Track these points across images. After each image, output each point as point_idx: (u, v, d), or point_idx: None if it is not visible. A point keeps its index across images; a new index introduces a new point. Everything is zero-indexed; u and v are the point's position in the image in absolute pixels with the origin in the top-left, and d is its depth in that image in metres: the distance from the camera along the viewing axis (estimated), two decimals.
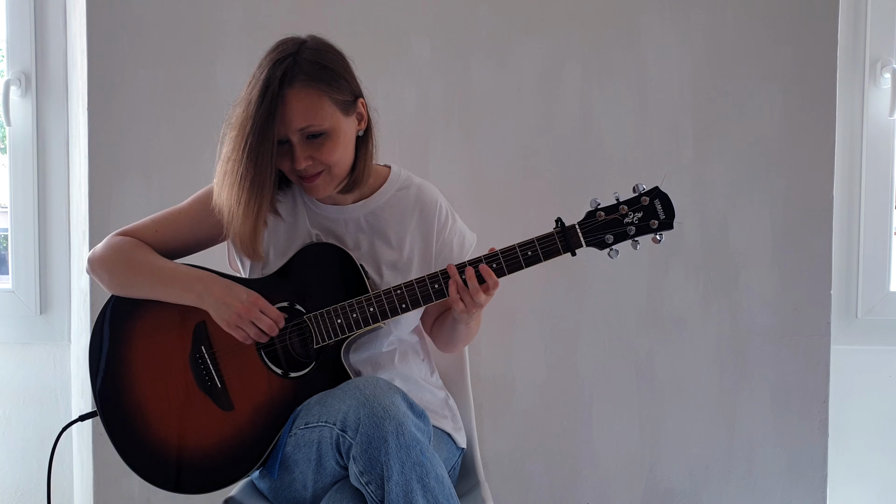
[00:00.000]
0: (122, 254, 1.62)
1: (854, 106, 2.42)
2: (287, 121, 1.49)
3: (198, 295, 1.56)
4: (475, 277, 1.52)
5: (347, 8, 2.21)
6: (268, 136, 1.48)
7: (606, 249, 1.53)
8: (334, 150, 1.53)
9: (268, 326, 1.54)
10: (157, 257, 1.62)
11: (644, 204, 1.52)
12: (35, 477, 2.47)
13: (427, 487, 1.38)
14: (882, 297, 2.45)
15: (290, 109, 1.49)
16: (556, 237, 1.53)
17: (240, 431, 1.56)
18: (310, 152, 1.52)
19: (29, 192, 2.43)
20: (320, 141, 1.52)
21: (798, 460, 2.29)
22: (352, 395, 1.44)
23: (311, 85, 1.49)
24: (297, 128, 1.50)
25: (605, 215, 1.52)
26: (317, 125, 1.50)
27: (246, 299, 1.54)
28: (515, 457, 2.29)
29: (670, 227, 1.52)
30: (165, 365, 1.60)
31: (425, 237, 1.67)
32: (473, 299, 1.52)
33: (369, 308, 1.54)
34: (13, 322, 2.45)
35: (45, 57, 2.42)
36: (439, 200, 1.70)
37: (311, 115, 1.50)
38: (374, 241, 1.65)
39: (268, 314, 1.54)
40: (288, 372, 1.57)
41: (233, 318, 1.54)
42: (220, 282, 1.57)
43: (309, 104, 1.49)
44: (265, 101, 1.47)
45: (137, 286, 1.61)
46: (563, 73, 2.25)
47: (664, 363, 2.29)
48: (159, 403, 1.59)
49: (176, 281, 1.58)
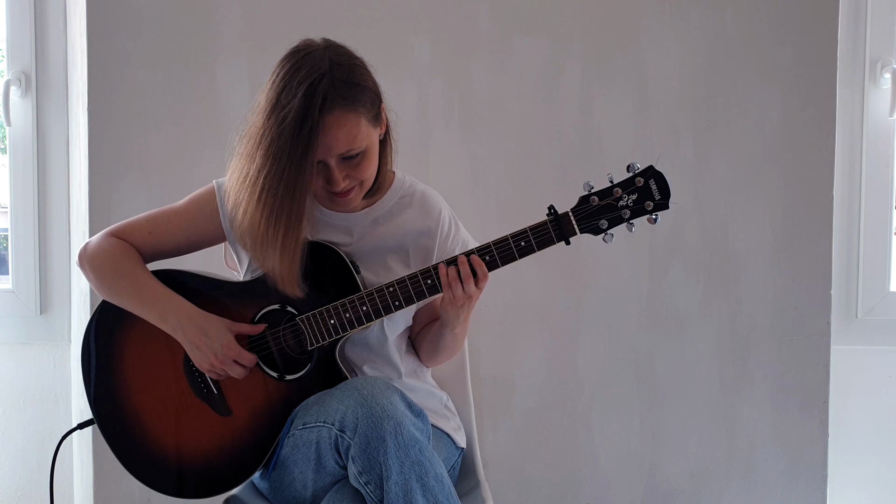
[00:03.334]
0: (110, 259, 1.59)
1: (854, 106, 2.42)
2: (327, 147, 1.44)
3: (171, 328, 1.54)
4: (466, 263, 1.49)
5: (347, 8, 2.21)
6: (306, 166, 1.43)
7: (601, 235, 1.50)
8: (370, 167, 1.51)
9: (238, 374, 1.53)
10: (142, 272, 1.59)
11: (638, 185, 1.47)
12: (35, 477, 2.47)
13: (426, 487, 1.38)
14: (882, 297, 2.44)
15: (331, 136, 1.43)
16: (549, 226, 1.49)
17: (239, 436, 1.56)
18: (346, 172, 1.49)
19: (29, 192, 2.43)
20: (357, 160, 1.49)
21: (798, 460, 2.29)
22: (350, 394, 1.43)
23: (349, 109, 1.44)
24: (337, 153, 1.46)
25: (599, 200, 1.48)
26: (357, 147, 1.47)
27: (218, 349, 1.51)
28: (515, 457, 2.29)
29: (666, 208, 1.47)
30: (160, 373, 1.58)
31: (427, 246, 1.65)
32: (464, 288, 1.50)
33: (362, 307, 1.52)
34: (13, 322, 2.45)
35: (45, 57, 2.42)
36: (443, 209, 1.67)
37: (352, 140, 1.45)
38: (377, 247, 1.63)
39: (241, 361, 1.52)
40: (284, 375, 1.56)
41: (204, 364, 1.53)
42: (196, 322, 1.53)
43: (349, 129, 1.44)
44: (304, 129, 1.41)
45: (119, 297, 1.58)
46: (563, 73, 2.25)
47: (664, 363, 2.29)
48: (156, 412, 1.58)
49: (154, 306, 1.55)
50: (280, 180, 1.43)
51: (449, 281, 1.49)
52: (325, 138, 1.43)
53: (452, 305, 1.53)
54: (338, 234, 1.63)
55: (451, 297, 1.51)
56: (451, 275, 1.49)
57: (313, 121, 1.41)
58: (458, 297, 1.50)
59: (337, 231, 1.63)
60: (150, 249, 1.63)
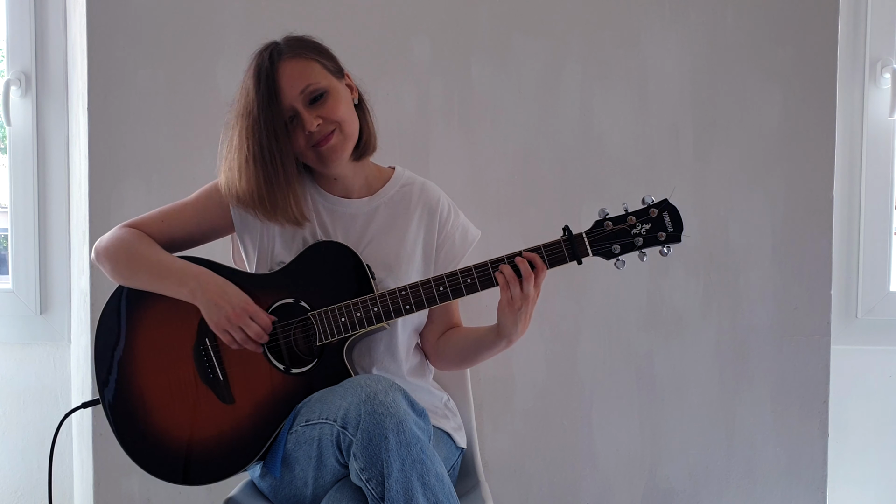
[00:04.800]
0: (124, 244, 1.64)
1: (854, 106, 2.43)
2: (287, 89, 1.56)
3: (191, 291, 1.57)
4: (526, 262, 1.52)
5: (347, 8, 2.21)
6: (276, 112, 1.55)
7: (613, 259, 1.53)
8: (338, 106, 1.59)
9: (255, 333, 1.55)
10: (157, 250, 1.64)
11: (652, 216, 1.52)
12: (35, 476, 2.47)
13: (427, 485, 1.38)
14: (882, 297, 2.45)
15: (287, 78, 1.56)
16: (562, 245, 1.53)
17: (239, 425, 1.57)
18: (316, 113, 1.57)
19: (29, 192, 2.43)
20: (323, 100, 1.58)
21: (798, 460, 2.29)
22: (353, 392, 1.44)
23: (298, 54, 1.58)
24: (297, 92, 1.56)
25: (613, 225, 1.52)
26: (314, 83, 1.58)
27: (237, 304, 1.55)
28: (515, 457, 2.29)
29: (678, 241, 1.52)
30: (169, 355, 1.61)
31: (428, 231, 1.70)
32: (522, 289, 1.52)
33: (373, 308, 1.55)
34: (13, 322, 2.45)
35: (45, 57, 2.42)
36: (441, 197, 1.73)
37: (307, 76, 1.57)
38: (378, 233, 1.68)
39: (257, 320, 1.55)
40: (290, 368, 1.58)
41: (221, 320, 1.55)
42: (216, 281, 1.58)
43: (301, 69, 1.57)
44: (262, 82, 1.55)
45: (137, 278, 1.62)
46: (563, 73, 2.25)
47: (664, 363, 2.29)
48: (161, 393, 1.60)
49: (172, 275, 1.59)
50: (260, 129, 1.55)
51: (507, 279, 1.52)
52: (282, 82, 1.56)
53: (510, 308, 1.54)
54: (343, 220, 1.67)
55: (509, 299, 1.53)
56: (508, 273, 1.52)
57: (267, 71, 1.56)
58: (515, 297, 1.53)
59: (342, 218, 1.67)
60: (164, 237, 1.67)
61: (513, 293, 1.53)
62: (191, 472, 1.58)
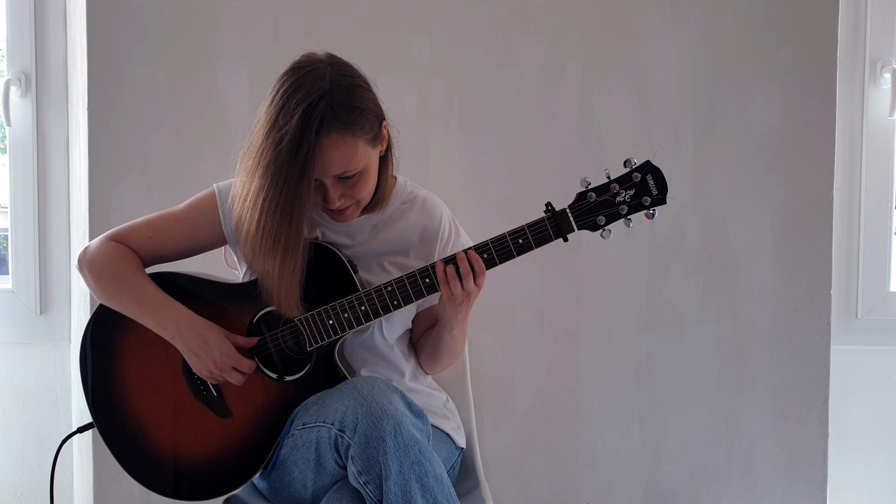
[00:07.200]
0: (109, 264, 1.59)
1: (854, 106, 2.42)
2: (323, 168, 1.44)
3: (170, 335, 1.54)
4: (465, 260, 1.49)
5: (347, 8, 2.21)
6: (303, 189, 1.43)
7: (599, 231, 1.49)
8: (366, 186, 1.51)
9: (238, 380, 1.53)
10: (141, 277, 1.58)
11: (636, 180, 1.47)
12: (35, 477, 2.47)
13: (426, 487, 1.38)
14: (882, 297, 2.44)
15: (327, 158, 1.43)
16: (546, 223, 1.49)
17: (240, 437, 1.56)
18: (342, 191, 1.49)
19: (29, 192, 2.43)
20: (354, 180, 1.49)
21: (798, 460, 2.29)
22: (349, 394, 1.43)
23: (346, 132, 1.43)
24: (332, 174, 1.46)
25: (596, 196, 1.48)
26: (353, 170, 1.47)
27: (218, 357, 1.51)
28: (515, 457, 2.29)
29: (663, 203, 1.47)
30: (159, 375, 1.58)
31: (428, 252, 1.64)
32: (463, 286, 1.49)
33: (360, 307, 1.52)
34: (13, 322, 2.45)
35: (45, 57, 2.42)
36: (444, 215, 1.67)
37: (348, 162, 1.45)
38: (377, 252, 1.63)
39: (240, 368, 1.53)
40: (283, 376, 1.56)
41: (203, 371, 1.53)
42: (195, 328, 1.53)
43: (345, 151, 1.44)
44: (301, 152, 1.41)
45: (117, 301, 1.58)
46: (563, 73, 2.25)
47: (664, 363, 2.29)
48: (156, 414, 1.58)
49: (153, 312, 1.55)
50: (278, 204, 1.44)
51: (447, 278, 1.49)
52: (321, 160, 1.43)
53: (451, 303, 1.52)
54: (338, 238, 1.63)
55: (450, 295, 1.51)
56: (450, 272, 1.49)
57: (310, 144, 1.40)
58: (456, 294, 1.50)
59: (337, 235, 1.63)
60: (150, 254, 1.63)
61: (453, 290, 1.50)
62: (198, 489, 1.57)
